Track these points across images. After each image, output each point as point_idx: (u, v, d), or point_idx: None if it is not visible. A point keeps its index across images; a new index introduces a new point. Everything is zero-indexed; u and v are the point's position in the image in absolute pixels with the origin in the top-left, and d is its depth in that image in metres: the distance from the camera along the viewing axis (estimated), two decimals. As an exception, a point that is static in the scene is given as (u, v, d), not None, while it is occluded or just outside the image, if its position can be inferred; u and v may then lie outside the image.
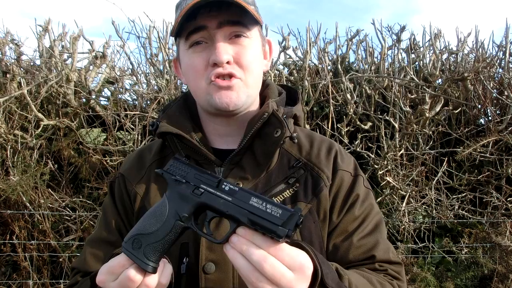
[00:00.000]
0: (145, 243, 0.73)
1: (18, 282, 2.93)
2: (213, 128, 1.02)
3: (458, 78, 3.38)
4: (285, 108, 0.98)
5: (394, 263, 0.95)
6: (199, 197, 0.75)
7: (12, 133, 3.00)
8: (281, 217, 0.67)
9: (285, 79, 3.46)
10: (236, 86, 0.91)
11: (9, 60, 3.39)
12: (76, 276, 0.99)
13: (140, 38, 3.61)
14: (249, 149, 0.97)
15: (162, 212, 0.76)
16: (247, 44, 0.93)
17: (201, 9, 0.88)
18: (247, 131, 0.94)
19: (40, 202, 2.96)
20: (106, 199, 1.08)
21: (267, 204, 0.69)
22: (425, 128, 3.26)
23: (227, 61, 0.89)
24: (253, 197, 0.71)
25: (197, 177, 0.78)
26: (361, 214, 0.95)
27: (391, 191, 3.15)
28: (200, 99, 0.96)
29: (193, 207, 0.75)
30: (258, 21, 0.92)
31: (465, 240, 3.15)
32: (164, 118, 0.99)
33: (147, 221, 0.76)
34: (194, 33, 0.91)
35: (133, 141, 3.05)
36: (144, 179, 1.01)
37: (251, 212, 0.69)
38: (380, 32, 3.74)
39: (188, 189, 0.77)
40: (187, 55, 0.94)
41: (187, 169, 0.80)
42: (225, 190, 0.74)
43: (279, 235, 0.66)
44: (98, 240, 1.00)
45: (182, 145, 0.97)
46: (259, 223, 0.68)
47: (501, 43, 3.73)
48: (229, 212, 0.71)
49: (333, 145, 1.04)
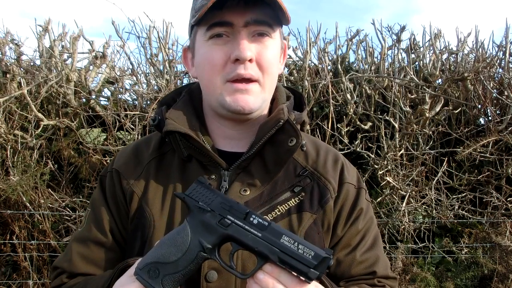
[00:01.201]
0: (164, 272, 0.69)
1: (18, 282, 2.93)
2: (219, 129, 0.97)
3: (458, 78, 3.38)
4: (295, 114, 0.95)
5: (391, 279, 0.97)
6: (226, 229, 0.71)
7: (12, 133, 3.00)
8: (313, 259, 0.65)
9: (285, 79, 3.46)
10: (254, 91, 0.88)
11: (9, 60, 3.38)
12: (60, 276, 0.93)
13: (140, 38, 3.61)
14: (258, 155, 0.93)
15: (184, 240, 0.71)
16: (269, 44, 0.89)
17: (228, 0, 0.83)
18: (259, 137, 0.90)
19: (40, 202, 2.96)
20: (95, 194, 0.99)
21: (299, 244, 0.67)
22: (425, 128, 3.26)
23: (249, 59, 0.85)
24: (284, 235, 0.68)
25: (223, 206, 0.73)
26: (363, 227, 0.95)
27: (391, 191, 3.15)
28: (211, 97, 0.92)
29: (218, 239, 0.71)
30: (286, 20, 0.88)
31: (465, 240, 3.15)
32: (171, 115, 0.93)
33: (166, 248, 0.71)
34: (217, 26, 0.86)
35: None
36: (142, 177, 0.94)
37: (282, 251, 0.67)
38: (380, 32, 3.74)
39: (214, 219, 0.72)
40: (205, 46, 0.89)
41: (212, 196, 0.74)
42: (254, 223, 0.70)
43: (310, 278, 0.65)
44: (86, 239, 0.93)
45: (186, 144, 0.92)
46: (290, 263, 0.66)
47: (501, 43, 3.73)
48: (259, 249, 0.68)
49: (339, 156, 1.02)
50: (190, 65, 0.99)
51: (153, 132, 1.04)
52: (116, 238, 0.94)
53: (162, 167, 0.97)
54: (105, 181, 0.98)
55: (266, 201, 0.90)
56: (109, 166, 1.01)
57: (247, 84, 0.87)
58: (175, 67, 3.48)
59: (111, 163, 1.01)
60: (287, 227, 0.89)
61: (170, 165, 0.96)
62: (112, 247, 0.93)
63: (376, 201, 3.14)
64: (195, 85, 1.04)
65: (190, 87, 1.05)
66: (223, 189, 0.90)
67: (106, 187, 0.97)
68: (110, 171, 0.98)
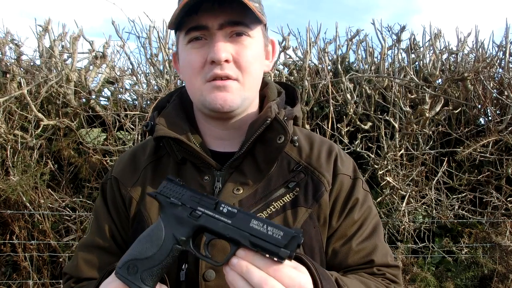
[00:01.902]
0: (142, 268, 0.72)
1: (18, 282, 2.93)
2: (209, 130, 0.98)
3: (458, 78, 3.38)
4: (285, 110, 0.95)
5: (392, 267, 0.96)
6: (197, 219, 0.74)
7: (12, 133, 3.00)
8: (282, 239, 0.67)
9: (285, 79, 3.46)
10: (232, 88, 0.88)
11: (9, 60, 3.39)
12: (69, 282, 0.97)
13: (140, 38, 3.61)
14: (249, 154, 0.94)
15: (158, 236, 0.74)
16: (248, 44, 0.89)
17: (203, 3, 0.84)
18: (248, 136, 0.91)
19: (40, 202, 2.96)
20: (97, 202, 1.03)
21: (268, 226, 0.69)
22: (425, 128, 3.26)
23: (225, 59, 0.86)
24: (253, 219, 0.70)
25: (193, 199, 0.76)
26: (360, 217, 0.95)
27: (391, 191, 3.15)
28: (195, 98, 0.94)
29: (191, 230, 0.74)
30: (260, 20, 0.88)
31: (465, 240, 3.15)
32: (161, 120, 0.95)
33: (143, 245, 0.74)
34: (194, 30, 0.88)
35: (133, 141, 3.05)
36: (139, 182, 0.97)
37: (252, 234, 0.69)
38: (380, 32, 3.74)
39: (185, 211, 0.75)
40: (185, 50, 0.91)
41: (182, 190, 0.78)
42: (224, 212, 0.73)
43: (281, 257, 0.66)
44: (90, 246, 0.97)
45: (179, 147, 0.93)
46: (261, 246, 0.68)
47: (501, 43, 3.74)
48: (230, 235, 0.70)
49: (333, 147, 1.02)
50: (179, 69, 1.01)
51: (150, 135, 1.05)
52: (118, 243, 0.98)
53: (158, 171, 0.99)
54: (106, 188, 1.02)
55: (261, 199, 0.91)
56: (108, 174, 1.05)
57: (225, 80, 0.88)
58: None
59: (111, 171, 1.05)
60: (283, 223, 0.89)
61: (166, 168, 0.98)
62: (114, 252, 0.96)
63: (376, 201, 3.14)
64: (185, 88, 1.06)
65: (181, 90, 1.06)
66: (217, 189, 0.91)
67: (107, 194, 1.00)
68: (110, 178, 1.02)
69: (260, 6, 0.92)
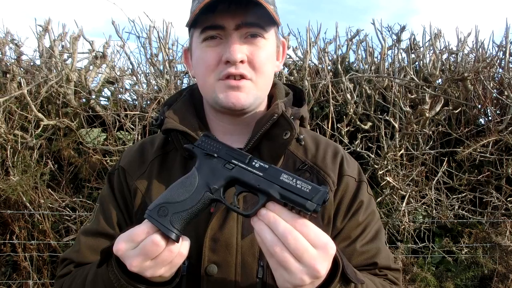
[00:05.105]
0: (172, 211, 0.73)
1: (18, 282, 2.93)
2: (218, 126, 1.00)
3: (458, 78, 3.37)
4: (292, 109, 0.96)
5: (393, 270, 0.97)
6: (230, 171, 0.77)
7: (12, 133, 3.00)
8: (310, 192, 0.70)
9: (285, 79, 3.46)
10: (246, 87, 0.90)
11: (9, 60, 3.39)
12: (68, 266, 0.96)
13: (140, 38, 3.61)
14: (255, 150, 0.95)
15: (192, 182, 0.77)
16: (262, 45, 0.91)
17: (220, 3, 0.86)
18: (255, 132, 0.93)
19: (40, 202, 2.96)
20: (104, 191, 1.04)
21: (297, 180, 0.72)
22: (425, 128, 3.26)
23: (240, 60, 0.88)
24: (283, 173, 0.73)
25: (228, 153, 0.79)
26: (364, 220, 0.96)
27: (391, 191, 3.15)
28: (207, 95, 0.95)
29: (224, 180, 0.77)
30: (276, 21, 0.90)
31: (465, 240, 3.15)
32: (170, 114, 0.97)
33: (175, 190, 0.76)
34: (210, 29, 0.89)
35: (133, 141, 3.04)
36: (145, 175, 0.98)
37: (282, 187, 0.72)
38: (380, 32, 3.74)
39: (219, 163, 0.79)
40: (200, 48, 0.92)
41: (218, 145, 0.81)
42: (256, 166, 0.76)
43: (308, 209, 0.69)
44: (95, 232, 0.97)
45: (187, 142, 0.94)
46: (290, 198, 0.70)
47: (501, 43, 3.73)
48: (261, 186, 0.73)
49: (338, 149, 1.03)
50: (190, 65, 1.03)
51: (153, 132, 1.06)
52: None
53: (165, 165, 1.00)
54: (113, 178, 1.03)
55: None
56: (116, 164, 1.07)
57: (239, 80, 0.90)
58: (175, 67, 3.48)
59: (118, 161, 1.07)
60: None
61: (173, 163, 0.99)
62: None
63: (376, 201, 3.14)
64: (197, 85, 1.07)
65: (192, 87, 1.08)
66: None
67: (114, 184, 1.02)
68: (117, 168, 1.04)
69: (275, 8, 0.93)
